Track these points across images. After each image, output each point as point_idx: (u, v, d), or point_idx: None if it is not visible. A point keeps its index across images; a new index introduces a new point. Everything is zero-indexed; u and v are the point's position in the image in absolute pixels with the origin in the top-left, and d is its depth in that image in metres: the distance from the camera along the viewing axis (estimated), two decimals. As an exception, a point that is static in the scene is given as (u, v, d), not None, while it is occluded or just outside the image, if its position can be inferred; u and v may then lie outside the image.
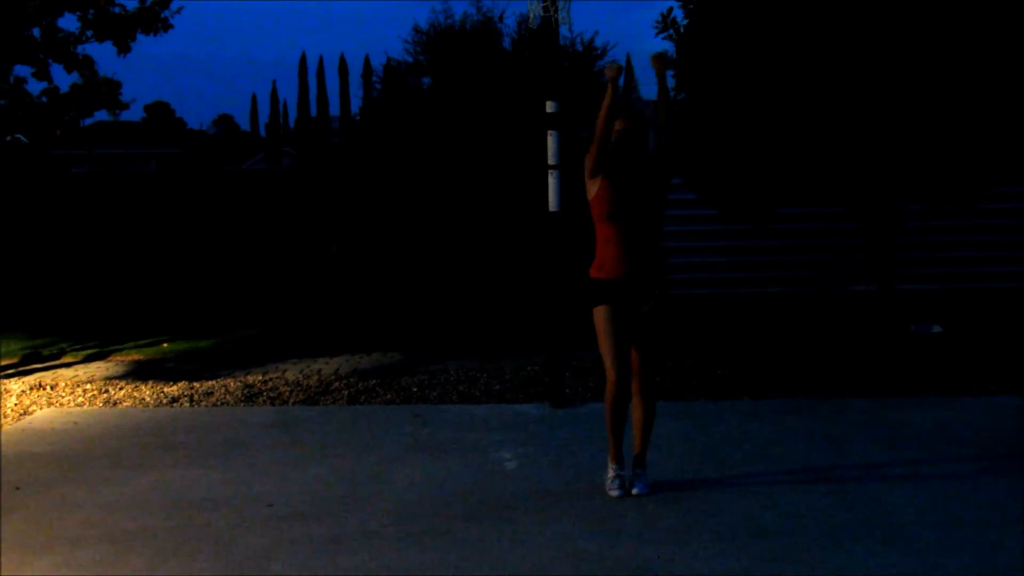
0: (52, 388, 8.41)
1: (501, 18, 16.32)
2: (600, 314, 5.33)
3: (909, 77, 7.83)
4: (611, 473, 5.41)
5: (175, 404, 7.83)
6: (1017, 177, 8.89)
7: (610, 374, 5.35)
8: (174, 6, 14.67)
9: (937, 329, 9.65)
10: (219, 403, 7.84)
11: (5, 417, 7.48)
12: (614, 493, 5.34)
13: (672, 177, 5.50)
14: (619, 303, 5.30)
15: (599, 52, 15.98)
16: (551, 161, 7.27)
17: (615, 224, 5.27)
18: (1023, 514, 4.95)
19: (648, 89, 25.07)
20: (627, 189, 5.26)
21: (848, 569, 4.37)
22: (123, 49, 16.13)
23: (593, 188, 5.32)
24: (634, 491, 5.33)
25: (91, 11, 15.12)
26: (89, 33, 16.01)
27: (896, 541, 4.66)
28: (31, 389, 8.38)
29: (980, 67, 7.84)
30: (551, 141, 7.28)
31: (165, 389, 8.25)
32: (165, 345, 10.36)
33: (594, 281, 5.35)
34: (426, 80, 16.53)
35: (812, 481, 5.53)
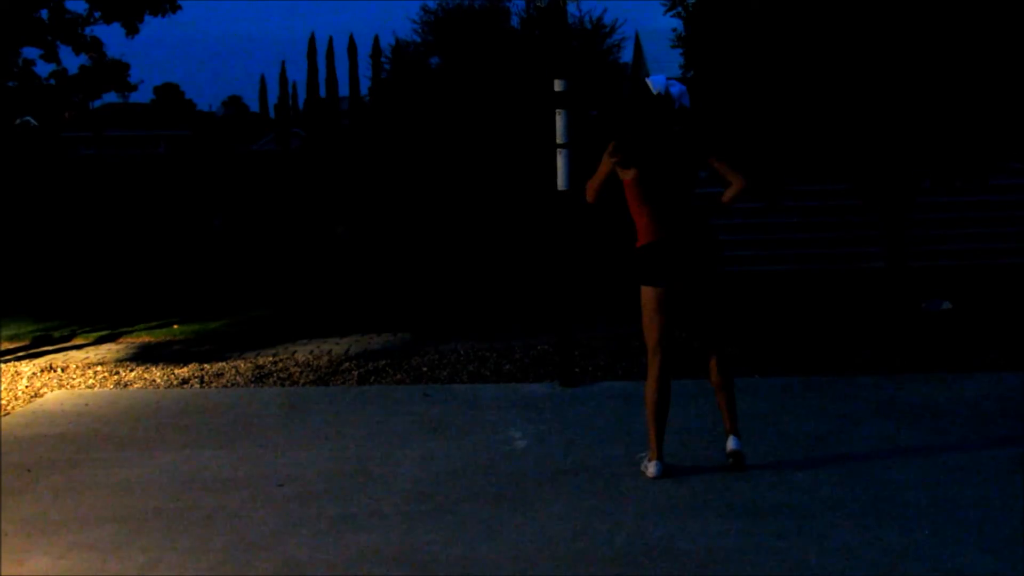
0: (63, 370, 8.44)
1: (510, -3, 16.28)
2: (647, 292, 5.30)
3: (922, 52, 7.77)
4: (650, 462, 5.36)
5: (185, 385, 7.84)
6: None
7: (651, 356, 5.37)
8: (182, -13, 14.61)
9: (947, 306, 9.62)
10: (229, 384, 7.86)
11: (16, 399, 7.51)
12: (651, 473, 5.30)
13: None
14: (665, 271, 5.24)
15: (608, 30, 15.94)
16: (559, 140, 7.24)
17: (648, 206, 5.25)
18: (1034, 491, 4.95)
19: (657, 67, 24.92)
20: (658, 177, 5.22)
21: (856, 546, 4.36)
22: (131, 31, 16.15)
23: (625, 177, 5.28)
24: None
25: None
26: (97, 15, 16.02)
27: (904, 518, 4.65)
28: (42, 371, 8.40)
29: (992, 42, 7.78)
30: (559, 120, 7.24)
31: (175, 370, 8.27)
32: (175, 327, 10.38)
33: (638, 250, 5.30)
34: (434, 60, 16.49)
35: (821, 458, 5.53)
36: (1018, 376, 7.19)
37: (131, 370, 8.36)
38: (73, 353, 9.21)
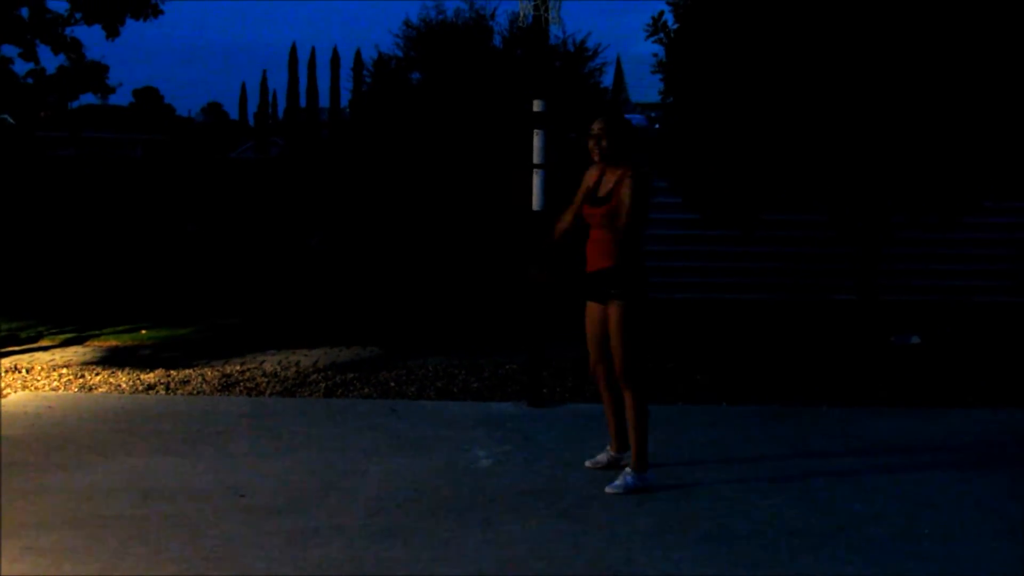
0: (28, 371, 8.36)
1: (493, 15, 16.30)
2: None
3: (897, 89, 7.84)
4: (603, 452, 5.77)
5: (151, 391, 7.79)
6: (1001, 191, 8.91)
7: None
8: (164, -8, 14.56)
9: (916, 340, 9.68)
10: (195, 392, 7.81)
11: (-21, 399, 7.43)
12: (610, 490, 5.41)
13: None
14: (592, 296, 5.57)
15: (590, 53, 15.95)
16: (536, 160, 7.25)
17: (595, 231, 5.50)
18: (992, 525, 4.97)
19: (637, 93, 25.10)
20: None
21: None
22: (112, 33, 16.11)
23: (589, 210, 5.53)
24: (607, 489, 5.38)
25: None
26: (78, 16, 15.97)
27: (865, 549, 4.67)
28: (7, 372, 8.32)
29: (965, 83, 7.86)
30: (537, 140, 7.26)
31: (142, 376, 8.21)
32: (144, 332, 10.31)
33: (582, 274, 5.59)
34: (415, 75, 16.46)
35: (784, 488, 5.54)
36: (983, 412, 7.24)
37: (97, 374, 8.29)
38: (39, 354, 9.13)
